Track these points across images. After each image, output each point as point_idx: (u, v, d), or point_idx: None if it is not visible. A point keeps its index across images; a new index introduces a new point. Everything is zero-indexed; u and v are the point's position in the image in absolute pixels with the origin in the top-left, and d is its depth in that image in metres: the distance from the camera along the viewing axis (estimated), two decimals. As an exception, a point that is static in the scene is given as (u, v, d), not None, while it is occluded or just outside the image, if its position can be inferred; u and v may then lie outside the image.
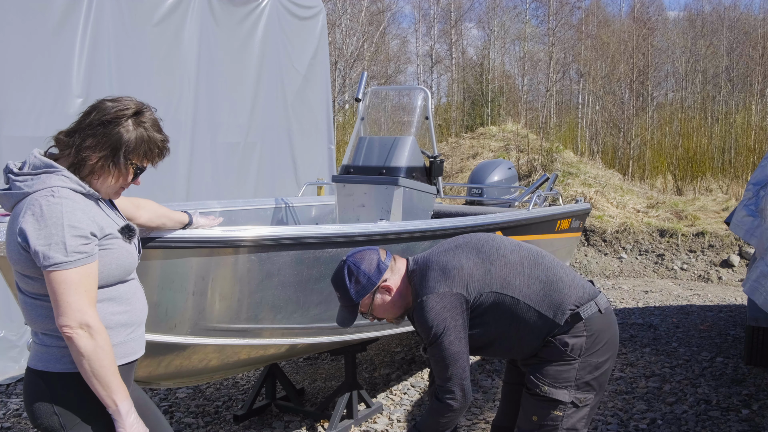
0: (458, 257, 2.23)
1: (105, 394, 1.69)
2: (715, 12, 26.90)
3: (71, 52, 4.96)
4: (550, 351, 2.21)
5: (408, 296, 2.28)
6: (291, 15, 7.07)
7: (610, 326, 2.28)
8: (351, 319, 2.28)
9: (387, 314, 2.30)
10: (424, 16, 29.04)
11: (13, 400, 4.20)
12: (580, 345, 2.19)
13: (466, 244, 2.30)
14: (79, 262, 1.66)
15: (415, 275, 2.25)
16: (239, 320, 2.76)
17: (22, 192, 1.69)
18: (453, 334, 2.13)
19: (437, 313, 2.12)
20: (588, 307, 2.21)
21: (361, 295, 2.23)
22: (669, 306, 7.01)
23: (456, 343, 2.13)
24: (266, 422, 3.83)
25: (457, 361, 2.13)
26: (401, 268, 2.30)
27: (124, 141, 1.76)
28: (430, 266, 2.23)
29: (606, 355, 2.25)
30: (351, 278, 2.23)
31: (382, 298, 2.26)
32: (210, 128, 6.15)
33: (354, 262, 2.25)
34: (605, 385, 2.31)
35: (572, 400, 2.19)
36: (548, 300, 2.19)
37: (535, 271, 2.23)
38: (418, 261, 2.31)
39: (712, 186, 13.23)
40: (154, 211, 2.21)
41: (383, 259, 2.26)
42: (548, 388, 2.19)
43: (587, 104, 23.62)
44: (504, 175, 5.88)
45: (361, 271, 2.22)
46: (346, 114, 19.42)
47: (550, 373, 2.20)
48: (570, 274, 2.29)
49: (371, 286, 2.22)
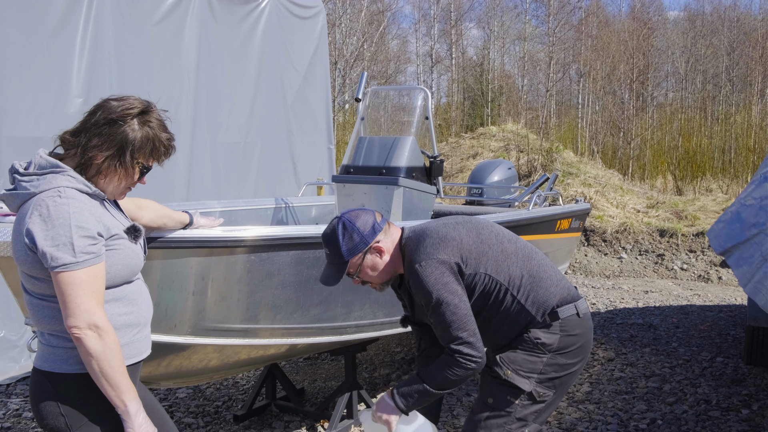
0: (458, 231, 2.21)
1: (114, 394, 1.70)
2: (715, 12, 26.92)
3: (71, 51, 4.97)
4: (523, 342, 2.20)
5: (398, 263, 2.24)
6: (291, 15, 7.07)
7: (586, 332, 2.27)
8: (337, 277, 2.22)
9: (374, 278, 2.25)
10: (424, 16, 29.06)
11: (13, 400, 4.20)
12: (553, 341, 2.19)
13: (467, 222, 2.28)
14: (87, 262, 1.66)
15: (411, 242, 2.21)
16: (239, 320, 2.76)
17: (28, 192, 1.69)
18: (457, 297, 2.08)
19: (437, 278, 2.08)
20: (567, 309, 2.21)
21: (352, 253, 2.17)
22: (669, 306, 7.02)
23: (462, 306, 2.08)
24: (266, 422, 3.83)
25: (467, 323, 2.08)
26: (395, 234, 2.27)
27: (130, 140, 1.75)
28: (428, 234, 2.20)
29: (575, 359, 2.24)
30: (344, 234, 2.16)
31: (373, 260, 2.20)
32: (210, 128, 6.15)
33: (349, 219, 2.19)
34: (566, 388, 2.29)
35: (531, 391, 2.18)
36: (534, 295, 2.19)
37: (527, 264, 2.22)
38: (413, 230, 2.28)
39: (712, 186, 13.24)
40: (155, 212, 2.21)
41: (378, 221, 2.22)
42: (512, 373, 2.18)
43: (587, 104, 23.62)
44: (504, 175, 5.88)
45: (355, 229, 2.16)
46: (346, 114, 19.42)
47: (517, 360, 2.19)
48: (558, 274, 2.30)
49: (364, 245, 2.17)
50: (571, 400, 4.19)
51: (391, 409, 2.13)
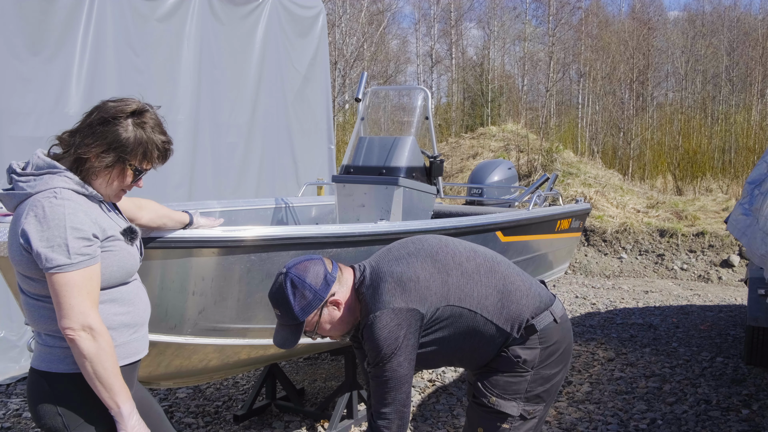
0: (413, 267, 2.02)
1: (107, 396, 1.69)
2: (715, 12, 26.93)
3: (72, 52, 4.97)
4: (502, 362, 2.09)
5: (356, 311, 2.05)
6: (291, 15, 7.08)
7: (565, 336, 2.17)
8: (294, 339, 2.00)
9: (334, 332, 2.06)
10: (424, 16, 29.07)
11: (13, 400, 4.20)
12: (534, 357, 2.08)
13: (419, 251, 2.09)
14: (82, 264, 1.65)
15: (365, 287, 2.02)
16: (239, 320, 2.76)
17: (24, 192, 1.69)
18: (403, 355, 1.94)
19: (390, 331, 1.92)
20: (543, 318, 2.09)
21: (306, 312, 1.95)
22: (669, 306, 7.02)
23: (405, 366, 1.95)
24: (266, 422, 3.83)
25: (402, 386, 1.96)
26: (348, 279, 2.05)
27: (122, 140, 1.74)
28: (382, 277, 2.00)
29: (558, 367, 2.15)
30: (295, 293, 1.94)
31: (330, 314, 2.00)
32: (210, 128, 6.15)
33: (297, 275, 1.95)
34: (555, 395, 2.21)
35: (521, 413, 2.08)
36: (506, 312, 2.06)
37: (492, 279, 2.09)
38: (366, 270, 2.07)
39: (712, 186, 13.24)
40: (155, 212, 2.21)
41: (330, 270, 2.00)
42: (496, 399, 2.07)
43: (587, 104, 23.63)
44: (504, 175, 5.88)
45: (306, 285, 1.94)
46: (346, 114, 19.43)
47: (500, 384, 2.08)
48: (526, 281, 2.16)
49: (318, 302, 1.95)
50: (571, 400, 4.19)
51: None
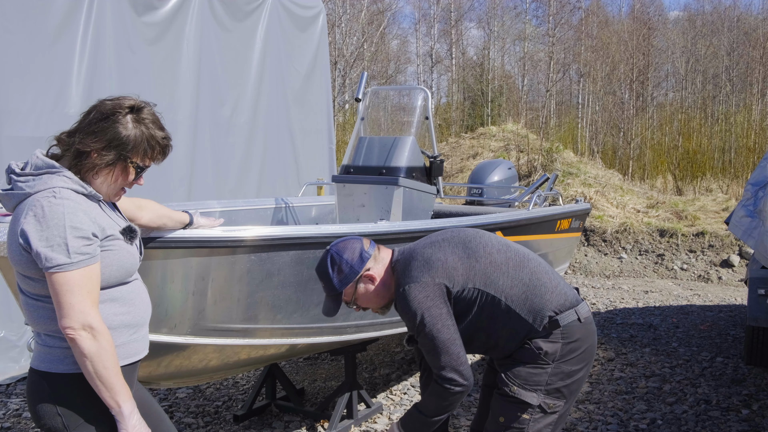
0: (443, 250, 2.22)
1: (108, 395, 1.69)
2: (715, 12, 26.92)
3: (72, 51, 4.97)
4: (525, 353, 2.19)
5: (392, 286, 2.27)
6: (291, 15, 7.08)
7: (588, 336, 2.26)
8: (335, 308, 2.27)
9: (371, 303, 2.29)
10: (424, 16, 29.07)
11: (13, 400, 4.20)
12: (555, 350, 2.17)
13: (453, 238, 2.29)
14: (82, 263, 1.65)
15: (399, 265, 2.24)
16: (239, 320, 2.76)
17: (23, 192, 1.69)
18: (440, 322, 2.10)
19: (420, 302, 2.10)
20: (567, 315, 2.19)
21: (344, 284, 2.21)
22: (669, 306, 7.02)
23: (444, 331, 2.10)
24: (266, 422, 3.83)
25: (450, 347, 2.10)
26: (385, 258, 2.29)
27: (122, 138, 1.74)
28: (414, 256, 2.22)
29: (580, 365, 2.23)
30: (334, 267, 2.22)
31: (365, 288, 2.24)
32: (210, 128, 6.16)
33: (337, 251, 2.24)
34: (576, 394, 2.28)
35: (540, 404, 2.17)
36: (529, 303, 2.17)
37: (519, 273, 2.21)
38: (402, 252, 2.30)
39: (712, 186, 13.24)
40: (155, 212, 2.20)
41: (366, 248, 2.25)
42: (518, 388, 2.17)
43: (587, 104, 23.63)
44: (504, 175, 5.88)
45: (343, 260, 2.21)
46: (346, 114, 19.43)
47: (522, 375, 2.18)
48: (554, 279, 2.26)
49: (354, 275, 2.21)
50: (571, 400, 4.19)
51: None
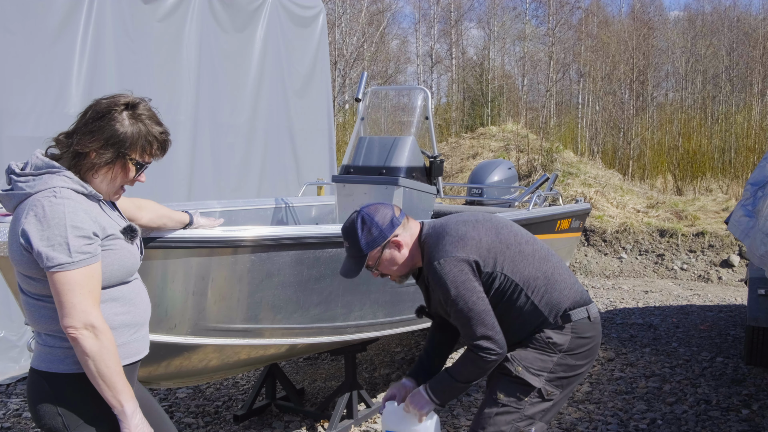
0: (477, 230, 2.23)
1: (110, 394, 1.69)
2: (715, 12, 26.91)
3: (72, 52, 4.97)
4: (533, 340, 2.25)
5: (416, 257, 2.28)
6: (291, 15, 7.08)
7: (596, 335, 2.33)
8: (356, 270, 2.26)
9: (392, 270, 2.29)
10: (424, 16, 29.06)
11: (13, 400, 4.20)
12: (564, 342, 2.23)
13: (486, 221, 2.30)
14: (83, 262, 1.65)
15: (430, 238, 2.25)
16: (239, 320, 2.76)
17: (24, 193, 1.69)
18: (474, 294, 2.12)
19: (455, 276, 2.12)
20: (579, 312, 2.26)
21: (370, 246, 2.21)
22: (669, 306, 7.02)
23: (479, 303, 2.13)
24: (266, 422, 3.83)
25: (485, 318, 2.13)
26: (414, 229, 2.30)
27: (120, 135, 1.73)
28: (447, 232, 2.23)
29: (584, 360, 2.30)
30: (363, 228, 2.21)
31: (391, 253, 2.24)
32: (211, 128, 6.15)
33: (368, 213, 2.23)
34: (571, 389, 2.34)
35: (541, 388, 2.22)
36: (548, 296, 2.22)
37: (543, 266, 2.26)
38: (433, 226, 2.30)
39: (712, 186, 13.24)
40: (155, 212, 2.20)
41: (397, 215, 2.25)
42: (522, 369, 2.21)
43: (587, 104, 23.63)
44: (504, 175, 5.88)
45: (374, 223, 2.21)
46: (346, 114, 19.42)
47: (528, 358, 2.23)
48: (571, 277, 2.34)
49: (382, 239, 2.21)
50: (571, 400, 4.19)
51: (425, 403, 2.23)
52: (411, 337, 5.51)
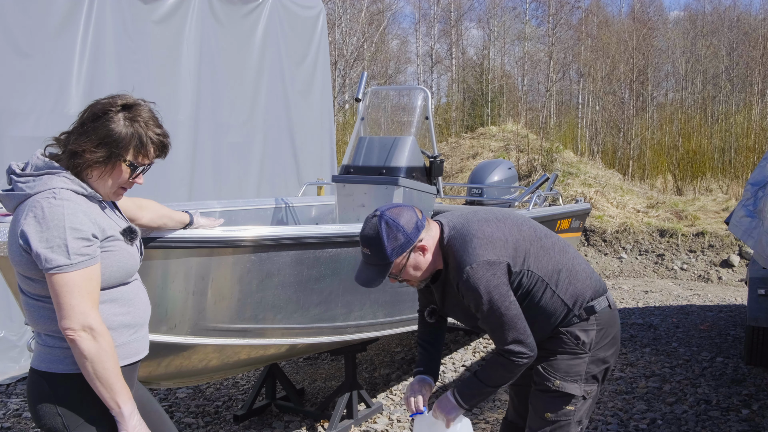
0: (501, 229, 2.17)
1: (108, 396, 1.69)
2: (716, 12, 26.91)
3: (72, 52, 4.97)
4: (561, 343, 2.22)
5: (438, 260, 2.18)
6: (291, 14, 7.08)
7: (616, 322, 2.33)
8: (379, 279, 2.12)
9: (415, 276, 2.17)
10: (424, 16, 29.06)
11: (13, 400, 4.20)
12: (591, 339, 2.22)
13: (506, 218, 2.24)
14: (82, 264, 1.65)
15: (455, 241, 2.14)
16: (239, 320, 2.76)
17: (24, 193, 1.68)
18: (507, 299, 2.07)
19: (488, 281, 2.05)
20: (601, 301, 2.24)
21: (397, 253, 2.07)
22: (669, 306, 7.01)
23: (512, 308, 2.07)
24: (266, 422, 3.83)
25: (517, 323, 2.08)
26: (434, 231, 2.18)
27: (113, 135, 1.73)
28: (472, 233, 2.13)
29: (611, 350, 2.30)
30: (389, 234, 2.05)
31: (416, 259, 2.12)
32: (211, 128, 6.16)
33: (392, 218, 2.07)
34: (606, 377, 2.34)
35: (582, 394, 2.21)
36: (571, 289, 2.20)
37: (563, 258, 2.23)
38: (454, 227, 2.18)
39: (712, 186, 13.24)
40: (156, 212, 2.20)
41: (420, 218, 2.13)
42: (560, 382, 2.19)
43: (587, 104, 23.63)
44: (504, 175, 5.88)
45: (400, 227, 2.06)
46: (346, 114, 19.41)
47: (562, 367, 2.21)
48: (588, 267, 2.32)
49: (408, 245, 2.08)
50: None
51: (452, 408, 2.20)
52: (411, 337, 5.51)
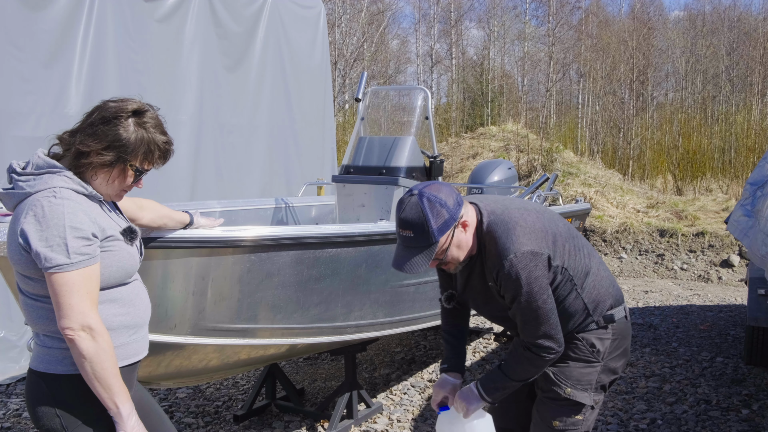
0: (541, 221, 2.07)
1: (106, 396, 1.69)
2: (715, 12, 26.91)
3: (72, 52, 4.97)
4: (575, 349, 2.16)
5: (474, 242, 2.06)
6: (291, 14, 7.08)
7: (629, 334, 2.29)
8: (425, 262, 1.95)
9: (458, 257, 2.04)
10: (424, 16, 29.06)
11: (13, 400, 4.20)
12: (605, 347, 2.17)
13: (544, 210, 2.18)
14: (81, 263, 1.65)
15: (497, 227, 2.01)
16: (239, 320, 2.76)
17: (24, 192, 1.68)
18: (545, 292, 2.00)
19: (530, 272, 1.96)
20: (619, 311, 2.20)
21: (442, 231, 1.92)
22: (669, 306, 7.01)
23: (549, 301, 2.01)
24: (266, 422, 3.83)
25: (550, 317, 2.01)
26: (471, 209, 2.06)
27: (123, 140, 1.74)
28: (515, 221, 2.02)
29: (621, 361, 2.26)
30: (432, 211, 1.90)
31: (458, 237, 1.99)
32: (212, 128, 6.16)
33: (432, 194, 1.93)
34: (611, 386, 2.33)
35: (592, 403, 2.18)
36: (594, 293, 2.14)
37: (590, 261, 2.17)
38: (493, 212, 2.06)
39: (712, 186, 13.23)
40: (156, 212, 2.20)
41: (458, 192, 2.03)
42: (571, 390, 2.14)
43: (587, 104, 23.62)
44: (504, 175, 5.87)
45: (442, 202, 1.92)
46: (346, 114, 19.41)
47: (574, 375, 2.15)
48: (611, 275, 2.28)
49: (453, 220, 1.94)
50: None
51: (473, 398, 2.14)
52: (411, 337, 5.51)
